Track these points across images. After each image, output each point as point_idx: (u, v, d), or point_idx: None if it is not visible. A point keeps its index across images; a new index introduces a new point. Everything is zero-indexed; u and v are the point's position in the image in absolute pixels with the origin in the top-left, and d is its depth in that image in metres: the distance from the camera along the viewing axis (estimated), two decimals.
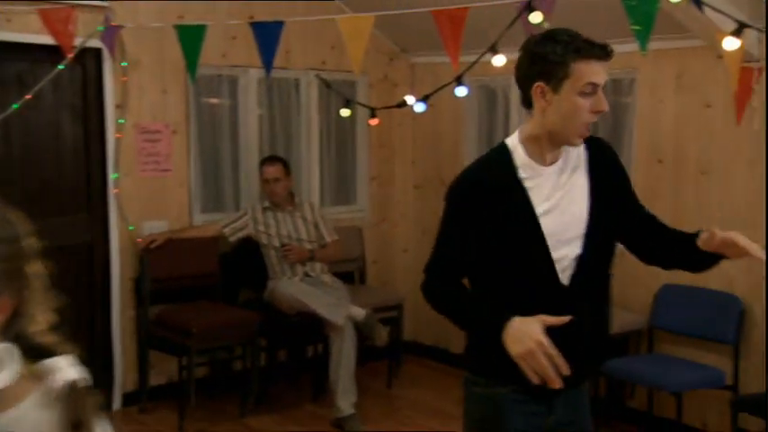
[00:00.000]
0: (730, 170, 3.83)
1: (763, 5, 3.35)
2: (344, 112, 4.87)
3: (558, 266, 1.92)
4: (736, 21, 3.04)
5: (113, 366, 4.30)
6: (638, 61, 3.99)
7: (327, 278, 4.60)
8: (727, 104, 3.74)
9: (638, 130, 4.18)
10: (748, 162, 3.76)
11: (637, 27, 3.08)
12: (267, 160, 4.59)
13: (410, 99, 4.50)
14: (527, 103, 1.95)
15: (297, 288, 4.39)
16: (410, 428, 4.23)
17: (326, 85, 5.01)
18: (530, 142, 1.96)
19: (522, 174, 1.94)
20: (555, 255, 1.91)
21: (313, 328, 4.39)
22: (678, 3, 3.09)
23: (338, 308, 4.25)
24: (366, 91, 5.23)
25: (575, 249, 1.93)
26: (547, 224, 1.91)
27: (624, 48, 4.06)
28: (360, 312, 4.26)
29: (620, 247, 2.07)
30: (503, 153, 1.98)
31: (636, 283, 4.19)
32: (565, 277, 1.93)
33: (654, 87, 4.09)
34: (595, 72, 1.84)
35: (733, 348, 3.76)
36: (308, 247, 4.57)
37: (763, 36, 3.44)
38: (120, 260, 4.33)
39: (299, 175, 4.97)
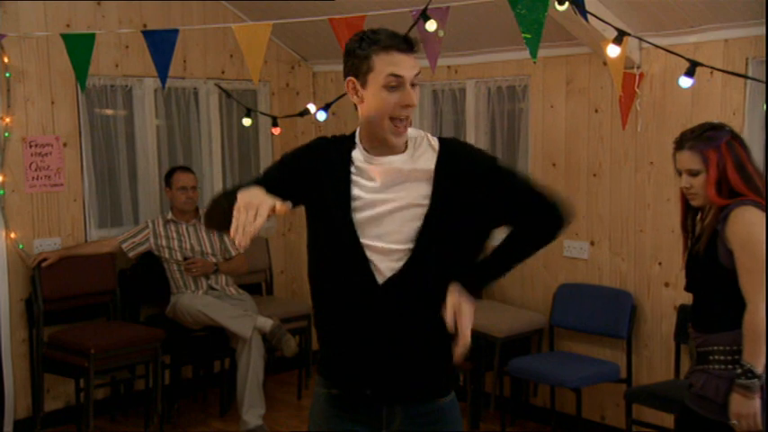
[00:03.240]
0: (617, 172, 4.01)
1: (642, 13, 3.53)
2: (246, 122, 4.81)
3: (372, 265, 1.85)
4: (617, 29, 3.20)
5: (4, 392, 4.07)
6: (531, 68, 4.14)
7: (233, 290, 4.52)
8: (613, 109, 3.92)
9: (532, 134, 4.32)
10: (634, 163, 3.95)
11: (527, 35, 3.19)
12: (180, 169, 4.48)
13: (312, 107, 4.50)
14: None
15: (201, 301, 4.29)
16: None
17: (227, 94, 4.94)
18: (362, 138, 1.94)
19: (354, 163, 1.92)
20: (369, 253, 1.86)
21: (219, 342, 4.30)
22: (564, 11, 3.22)
23: (245, 319, 4.18)
24: (268, 100, 5.19)
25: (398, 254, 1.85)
26: (359, 219, 1.87)
27: (517, 55, 4.22)
28: (267, 323, 4.20)
29: None
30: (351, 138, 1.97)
31: (535, 283, 4.32)
32: (380, 277, 1.85)
33: (545, 93, 4.24)
34: (397, 63, 1.81)
35: (626, 343, 3.93)
36: (213, 260, 4.48)
37: (642, 43, 3.63)
38: (8, 280, 4.11)
39: (201, 186, 4.86)
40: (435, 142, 1.93)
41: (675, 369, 3.76)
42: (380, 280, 1.85)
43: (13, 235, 4.13)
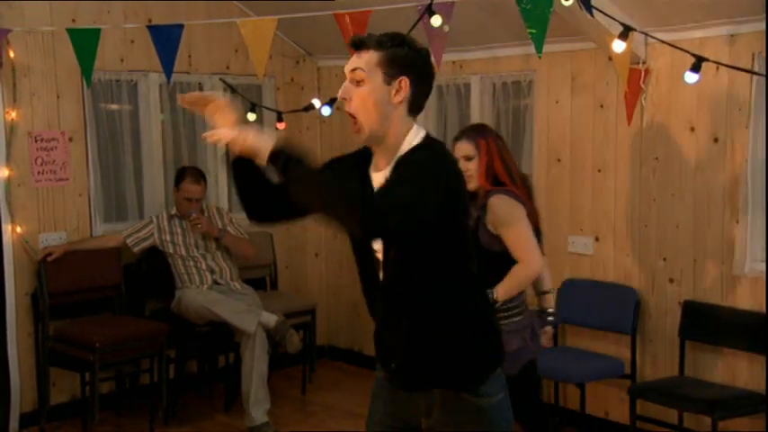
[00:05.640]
0: (623, 167, 4.00)
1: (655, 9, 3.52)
2: (250, 117, 4.81)
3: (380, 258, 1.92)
4: (622, 24, 3.19)
5: (10, 386, 4.09)
6: (536, 63, 4.13)
7: (237, 285, 4.53)
8: (618, 104, 3.91)
9: (537, 130, 4.32)
10: (639, 159, 3.94)
11: (533, 30, 3.18)
12: (190, 177, 4.40)
13: (317, 102, 4.50)
14: None
15: (206, 296, 4.30)
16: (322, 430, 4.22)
17: (231, 89, 4.94)
18: None
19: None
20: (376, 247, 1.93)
21: (224, 336, 4.31)
22: (570, 6, 3.21)
23: (249, 315, 4.19)
24: (272, 95, 5.19)
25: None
26: None
27: (522, 50, 4.21)
28: (271, 319, 4.21)
29: None
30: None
31: None
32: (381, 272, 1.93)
33: (550, 89, 4.23)
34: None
35: (630, 338, 3.93)
36: (218, 254, 4.49)
37: (648, 39, 3.62)
38: (14, 275, 4.12)
39: (206, 180, 4.85)
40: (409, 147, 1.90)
41: (680, 365, 3.76)
42: (382, 277, 1.94)
43: (18, 229, 4.14)
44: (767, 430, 3.44)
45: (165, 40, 3.75)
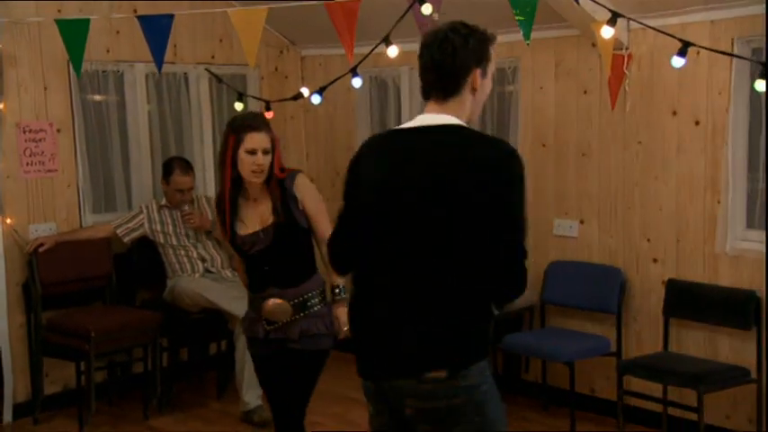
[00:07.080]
0: (606, 151, 4.10)
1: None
2: (238, 106, 4.83)
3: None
4: (610, 10, 3.27)
5: (3, 376, 4.09)
6: (521, 50, 4.21)
7: (228, 273, 4.56)
8: (602, 90, 4.01)
9: (522, 116, 4.40)
10: (622, 142, 4.05)
11: (520, 17, 3.25)
12: (179, 168, 4.41)
13: (305, 91, 4.53)
14: (453, 89, 1.97)
15: (199, 284, 4.33)
16: (315, 417, 4.25)
17: (218, 79, 4.95)
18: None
19: None
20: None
21: (216, 324, 4.35)
22: None
23: (242, 301, 4.19)
24: (257, 84, 5.21)
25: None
26: None
27: (507, 38, 4.28)
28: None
29: None
30: None
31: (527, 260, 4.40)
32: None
33: (535, 75, 4.31)
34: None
35: (615, 317, 4.04)
36: (209, 243, 4.52)
37: (630, 25, 3.71)
38: (5, 265, 4.12)
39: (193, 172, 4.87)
40: None
41: (664, 341, 3.89)
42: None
43: (8, 220, 4.13)
44: (757, 402, 3.58)
45: (155, 30, 3.76)
